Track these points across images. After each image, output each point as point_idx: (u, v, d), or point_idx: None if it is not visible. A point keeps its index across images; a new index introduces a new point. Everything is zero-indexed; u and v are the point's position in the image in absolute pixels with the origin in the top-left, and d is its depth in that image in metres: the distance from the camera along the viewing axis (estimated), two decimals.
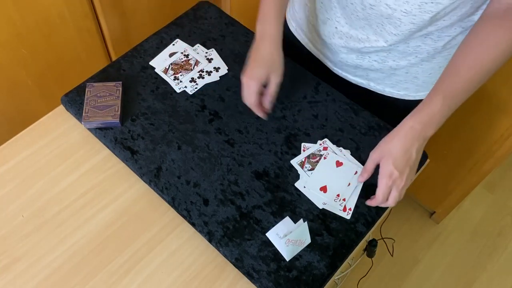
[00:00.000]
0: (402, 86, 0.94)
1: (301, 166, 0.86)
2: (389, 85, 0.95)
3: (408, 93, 0.95)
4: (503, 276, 1.70)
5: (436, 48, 0.84)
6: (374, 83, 0.96)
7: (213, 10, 1.08)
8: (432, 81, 0.90)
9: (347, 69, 0.97)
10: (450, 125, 1.40)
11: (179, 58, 0.98)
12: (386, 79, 0.94)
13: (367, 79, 0.96)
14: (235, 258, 0.77)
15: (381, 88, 0.97)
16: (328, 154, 0.87)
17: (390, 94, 0.97)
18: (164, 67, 0.96)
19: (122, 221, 0.82)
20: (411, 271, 1.69)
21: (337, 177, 0.85)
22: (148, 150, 0.87)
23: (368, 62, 0.90)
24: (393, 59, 0.88)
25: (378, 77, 0.94)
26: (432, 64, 0.88)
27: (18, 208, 0.82)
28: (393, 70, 0.91)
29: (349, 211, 0.82)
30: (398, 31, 0.79)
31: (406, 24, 0.77)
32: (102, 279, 0.77)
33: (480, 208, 1.84)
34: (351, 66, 0.95)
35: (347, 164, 0.86)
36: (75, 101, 0.92)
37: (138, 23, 1.44)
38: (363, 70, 0.94)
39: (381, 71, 0.92)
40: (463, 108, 1.33)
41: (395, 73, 0.91)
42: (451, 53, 0.86)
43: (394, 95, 0.97)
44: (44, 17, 1.20)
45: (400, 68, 0.89)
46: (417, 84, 0.93)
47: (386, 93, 0.97)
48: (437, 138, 1.47)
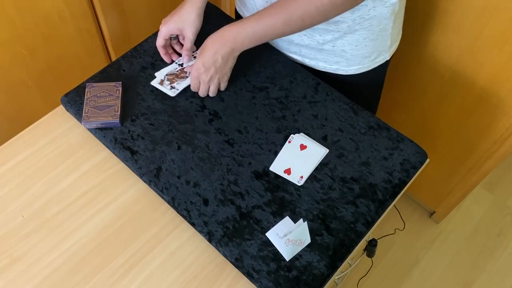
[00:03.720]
0: (333, 60, 0.98)
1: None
2: (321, 60, 0.99)
3: (339, 67, 1.00)
4: (503, 276, 1.70)
5: (355, 20, 0.89)
6: (308, 58, 1.01)
7: (213, 10, 1.08)
8: (360, 53, 0.97)
9: (282, 46, 1.03)
10: (450, 125, 1.40)
11: (174, 68, 0.98)
12: (318, 54, 0.99)
13: (301, 55, 1.01)
14: (235, 258, 0.77)
15: (315, 64, 1.01)
16: (293, 138, 0.89)
17: (324, 69, 1.01)
18: (160, 79, 0.96)
19: (122, 221, 0.82)
20: (411, 271, 1.69)
21: (301, 160, 0.86)
22: (148, 150, 0.87)
23: (298, 37, 0.96)
24: (319, 33, 0.93)
25: (310, 53, 0.99)
26: (356, 36, 0.93)
27: (18, 208, 0.82)
28: (321, 45, 0.96)
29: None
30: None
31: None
32: (102, 279, 0.77)
33: (480, 208, 1.84)
34: (285, 42, 1.01)
35: (311, 147, 0.88)
36: (75, 101, 0.92)
37: (138, 23, 1.44)
38: (295, 46, 0.99)
39: (311, 46, 0.97)
40: (463, 108, 1.33)
41: (323, 48, 0.96)
42: (372, 23, 0.92)
43: (328, 70, 1.01)
44: (44, 17, 1.20)
45: (326, 42, 0.95)
46: (346, 58, 0.97)
47: (320, 68, 1.01)
48: (437, 138, 1.47)
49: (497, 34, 1.11)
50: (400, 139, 0.90)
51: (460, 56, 1.21)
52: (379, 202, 0.83)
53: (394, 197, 0.85)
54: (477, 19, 1.11)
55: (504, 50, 1.13)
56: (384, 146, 0.89)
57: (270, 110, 0.93)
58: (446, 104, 1.36)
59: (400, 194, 0.86)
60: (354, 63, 0.98)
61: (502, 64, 1.16)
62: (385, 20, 0.92)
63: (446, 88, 1.31)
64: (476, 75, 1.23)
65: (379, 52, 0.99)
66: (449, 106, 1.36)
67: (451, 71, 1.26)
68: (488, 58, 1.17)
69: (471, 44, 1.17)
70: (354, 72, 1.00)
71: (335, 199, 0.83)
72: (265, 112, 0.93)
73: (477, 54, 1.18)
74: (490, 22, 1.10)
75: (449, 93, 1.32)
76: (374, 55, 0.99)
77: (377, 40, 0.95)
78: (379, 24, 0.92)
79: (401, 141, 0.90)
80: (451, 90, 1.31)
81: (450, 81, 1.29)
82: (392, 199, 0.85)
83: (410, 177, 0.87)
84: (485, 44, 1.15)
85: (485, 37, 1.14)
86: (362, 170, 0.86)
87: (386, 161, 0.88)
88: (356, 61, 0.98)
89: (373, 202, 0.83)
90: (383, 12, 0.90)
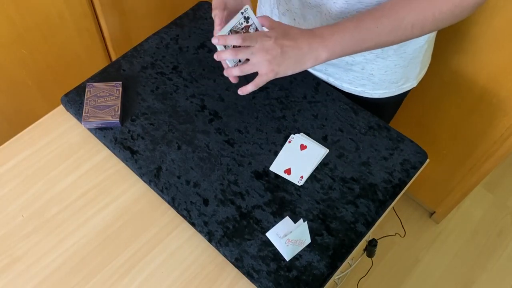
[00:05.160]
0: (359, 82, 0.95)
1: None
2: (346, 81, 0.97)
3: (365, 90, 0.97)
4: (503, 276, 1.70)
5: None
6: (333, 78, 0.98)
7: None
8: (388, 79, 0.94)
9: None
10: (450, 125, 1.40)
11: (239, 21, 0.76)
12: (344, 75, 0.95)
13: (326, 74, 0.98)
14: (235, 258, 0.77)
15: (339, 84, 0.98)
16: (293, 138, 0.89)
17: (348, 90, 0.98)
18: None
19: (122, 221, 0.82)
20: (411, 271, 1.69)
21: (301, 160, 0.86)
22: (148, 150, 0.87)
23: None
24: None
25: (336, 72, 0.96)
26: (387, 62, 0.90)
27: (18, 208, 0.82)
28: (349, 66, 0.92)
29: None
30: (346, 14, 0.80)
31: (353, 4, 0.77)
32: (102, 279, 0.77)
33: (480, 208, 1.84)
34: None
35: (311, 147, 0.88)
36: (75, 101, 0.92)
37: (138, 23, 1.44)
38: (321, 64, 0.92)
39: (338, 66, 0.94)
40: (463, 108, 1.33)
41: (351, 69, 0.93)
42: (406, 51, 0.89)
43: (352, 91, 0.98)
44: (44, 17, 1.20)
45: (356, 63, 0.91)
46: (373, 81, 0.94)
47: (344, 88, 0.99)
48: (437, 138, 1.47)
49: (497, 34, 1.11)
50: (400, 139, 0.90)
51: (460, 56, 1.22)
52: (379, 202, 0.83)
53: (394, 197, 0.85)
54: (477, 19, 1.11)
55: (504, 50, 1.13)
56: (384, 146, 0.89)
57: (270, 110, 0.93)
58: (446, 104, 1.36)
59: (400, 194, 0.86)
60: (380, 87, 0.96)
61: (502, 64, 1.16)
62: (418, 48, 0.90)
63: (446, 88, 1.31)
64: (476, 75, 1.23)
65: (407, 78, 0.97)
66: (449, 106, 1.36)
67: (451, 71, 1.26)
68: (488, 58, 1.17)
69: (471, 44, 1.17)
70: (379, 96, 0.97)
71: (335, 199, 0.83)
72: (265, 112, 0.93)
73: (477, 54, 1.18)
74: (490, 22, 1.10)
75: (449, 93, 1.32)
76: (402, 81, 0.96)
77: (407, 67, 0.93)
78: (413, 52, 0.90)
79: (401, 141, 0.90)
80: (451, 90, 1.31)
81: (450, 81, 1.29)
82: (392, 199, 0.85)
83: (410, 177, 0.87)
84: (485, 44, 1.15)
85: (485, 37, 1.14)
86: (362, 170, 0.86)
87: (386, 161, 0.88)
88: (383, 86, 0.95)
89: (373, 202, 0.83)
90: (419, 39, 0.87)
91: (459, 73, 1.25)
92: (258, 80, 0.75)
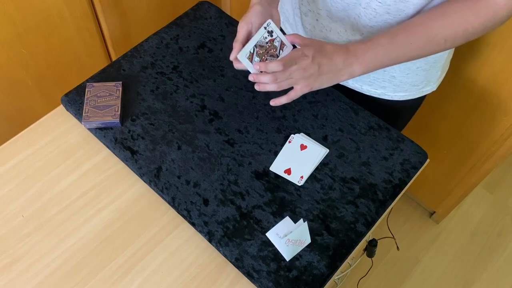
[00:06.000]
0: (380, 84, 0.95)
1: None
2: (367, 82, 0.96)
3: (385, 92, 0.96)
4: (503, 276, 1.70)
5: None
6: (352, 80, 0.97)
7: (213, 10, 1.08)
8: (410, 81, 0.93)
9: None
10: (450, 125, 1.40)
11: (263, 35, 0.77)
12: (365, 76, 0.95)
13: None
14: (235, 258, 0.77)
15: (359, 86, 0.97)
16: (293, 138, 0.89)
17: (368, 92, 0.97)
18: (249, 52, 0.76)
19: (122, 221, 0.82)
20: (411, 271, 1.69)
21: (302, 160, 0.86)
22: (148, 150, 0.87)
23: None
24: None
25: None
26: (409, 64, 0.89)
27: (18, 208, 0.82)
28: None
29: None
30: (374, 22, 0.80)
31: (382, 14, 0.77)
32: (102, 279, 0.77)
33: (480, 208, 1.84)
34: None
35: (311, 147, 0.88)
36: (75, 101, 0.92)
37: (138, 23, 1.44)
38: None
39: None
40: (463, 108, 1.33)
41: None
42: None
43: (372, 94, 0.97)
44: (44, 17, 1.20)
45: None
46: (394, 83, 0.94)
47: (363, 91, 0.98)
48: (437, 138, 1.47)
49: (497, 34, 1.11)
50: (400, 139, 0.90)
51: (460, 56, 1.21)
52: (379, 202, 0.83)
53: (394, 197, 0.85)
54: None
55: (504, 50, 1.13)
56: (384, 146, 0.89)
57: (270, 110, 0.93)
58: (446, 104, 1.36)
59: (400, 194, 0.86)
60: (401, 89, 0.95)
61: (502, 64, 1.16)
62: (442, 52, 0.90)
63: (446, 88, 1.31)
64: (476, 75, 1.23)
65: (428, 81, 0.96)
66: (449, 106, 1.36)
67: (451, 71, 1.26)
68: (488, 58, 1.17)
69: (471, 44, 1.17)
70: (399, 98, 0.97)
71: (335, 199, 0.83)
72: (265, 112, 0.93)
73: (477, 54, 1.18)
74: None
75: (449, 93, 1.32)
76: (423, 84, 0.96)
77: (429, 70, 0.93)
78: (435, 55, 0.89)
79: (401, 141, 0.90)
80: (451, 90, 1.31)
81: (450, 81, 1.29)
82: (392, 199, 0.85)
83: (410, 177, 0.87)
84: (485, 44, 1.15)
85: (485, 37, 1.14)
86: (362, 170, 0.86)
87: (386, 161, 0.88)
88: (403, 88, 0.95)
89: (373, 202, 0.83)
90: None
91: (459, 73, 1.25)
92: (293, 94, 0.78)
